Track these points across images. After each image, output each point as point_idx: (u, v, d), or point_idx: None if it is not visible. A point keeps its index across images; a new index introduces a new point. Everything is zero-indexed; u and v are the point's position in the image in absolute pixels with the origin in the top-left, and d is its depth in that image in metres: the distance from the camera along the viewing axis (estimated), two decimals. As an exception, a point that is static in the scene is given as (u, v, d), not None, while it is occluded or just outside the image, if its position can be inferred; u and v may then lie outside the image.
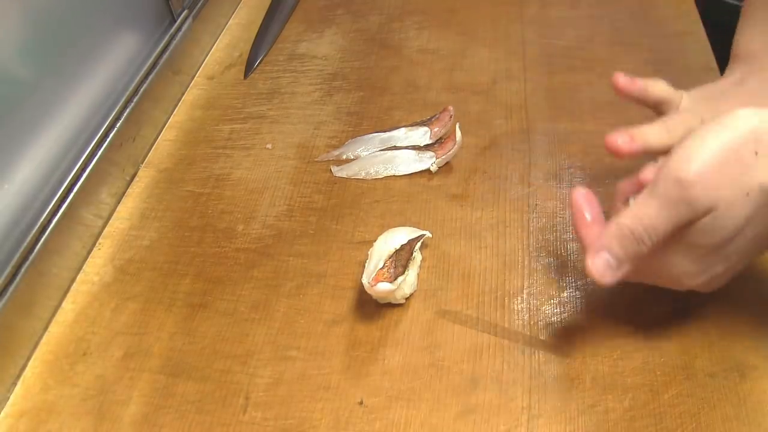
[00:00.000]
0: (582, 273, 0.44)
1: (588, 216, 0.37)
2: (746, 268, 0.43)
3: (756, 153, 0.32)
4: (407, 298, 0.43)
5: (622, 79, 0.43)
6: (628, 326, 0.41)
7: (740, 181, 0.33)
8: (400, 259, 0.42)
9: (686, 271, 0.36)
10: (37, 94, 0.47)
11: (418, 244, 0.44)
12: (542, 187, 0.50)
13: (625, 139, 0.39)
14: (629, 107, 0.48)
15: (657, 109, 0.44)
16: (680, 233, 0.34)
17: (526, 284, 0.44)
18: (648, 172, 0.38)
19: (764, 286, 0.42)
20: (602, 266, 0.35)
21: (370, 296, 0.42)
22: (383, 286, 0.41)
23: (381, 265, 0.42)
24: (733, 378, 0.38)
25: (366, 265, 0.43)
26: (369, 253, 0.44)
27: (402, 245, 0.43)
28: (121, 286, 0.47)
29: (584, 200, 0.38)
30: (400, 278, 0.41)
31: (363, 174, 0.52)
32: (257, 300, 0.45)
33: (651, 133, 0.40)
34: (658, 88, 0.43)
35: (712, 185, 0.33)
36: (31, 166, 0.46)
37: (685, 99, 0.43)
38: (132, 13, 0.57)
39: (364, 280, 0.42)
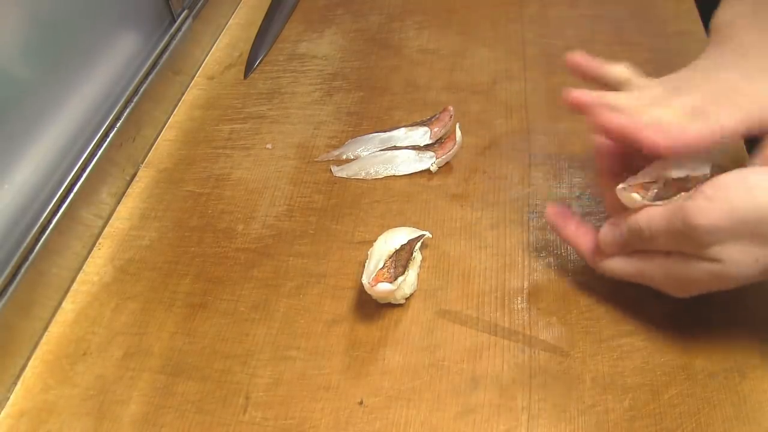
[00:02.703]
0: (582, 273, 0.44)
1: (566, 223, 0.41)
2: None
3: None
4: (407, 298, 0.44)
5: (578, 56, 0.43)
6: (628, 326, 0.41)
7: (752, 247, 0.33)
8: (400, 259, 0.42)
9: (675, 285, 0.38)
10: (37, 94, 0.47)
11: (418, 244, 0.44)
12: (542, 187, 0.50)
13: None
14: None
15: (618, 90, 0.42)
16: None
17: (526, 284, 0.44)
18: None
19: (764, 286, 0.42)
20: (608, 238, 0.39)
21: (370, 296, 0.42)
22: (383, 287, 0.41)
23: (381, 265, 0.42)
24: (733, 378, 0.38)
25: (366, 265, 0.43)
26: (369, 253, 0.44)
27: (402, 245, 0.43)
28: (121, 286, 0.48)
29: (558, 215, 0.41)
30: (400, 278, 0.41)
31: (363, 174, 0.52)
32: (257, 300, 0.45)
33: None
34: (618, 69, 0.42)
35: (723, 241, 0.33)
36: (31, 166, 0.46)
37: (653, 83, 0.42)
38: (132, 13, 0.57)
39: (364, 280, 0.42)
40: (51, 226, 0.46)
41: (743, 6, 0.41)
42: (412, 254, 0.43)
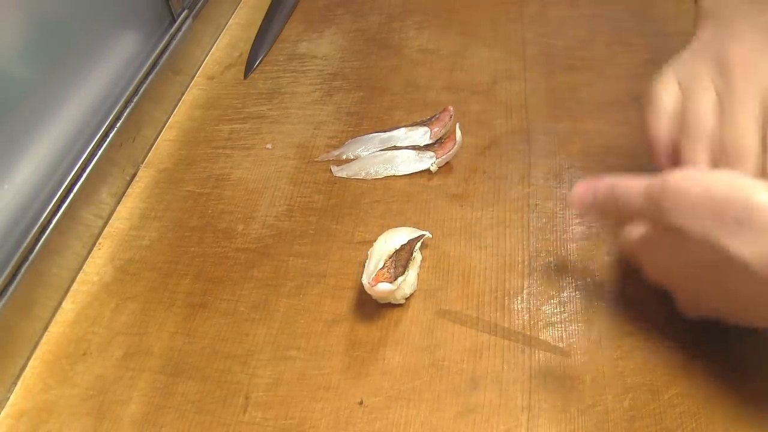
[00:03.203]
0: (582, 273, 0.44)
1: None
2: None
3: (740, 222, 0.31)
4: (407, 298, 0.44)
5: (582, 191, 0.40)
6: (628, 326, 0.41)
7: (712, 233, 0.32)
8: (400, 259, 0.42)
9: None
10: (37, 94, 0.47)
11: (418, 244, 0.44)
12: (542, 187, 0.50)
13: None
14: (628, 107, 0.48)
15: None
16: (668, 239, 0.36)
17: (526, 284, 0.44)
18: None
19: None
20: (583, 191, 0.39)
21: (370, 296, 0.42)
22: (383, 287, 0.41)
23: (381, 265, 0.42)
24: (733, 378, 0.38)
25: (366, 265, 0.43)
26: (369, 253, 0.44)
27: (402, 245, 0.43)
28: (121, 286, 0.48)
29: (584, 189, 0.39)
30: (400, 278, 0.41)
31: (363, 174, 0.52)
32: (257, 300, 0.45)
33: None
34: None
35: (687, 213, 0.33)
36: (31, 166, 0.46)
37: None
38: (132, 13, 0.57)
39: (364, 280, 0.42)
40: (51, 226, 0.46)
41: None
42: (412, 254, 0.43)
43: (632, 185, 0.36)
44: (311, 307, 0.44)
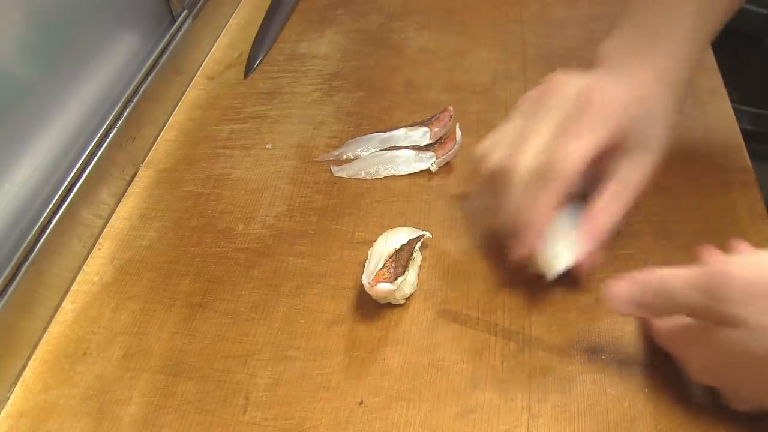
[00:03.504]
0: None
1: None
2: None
3: None
4: (407, 298, 0.43)
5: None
6: (628, 326, 0.41)
7: None
8: (400, 259, 0.42)
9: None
10: (37, 94, 0.47)
11: (418, 244, 0.44)
12: (542, 187, 0.50)
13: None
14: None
15: None
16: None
17: (526, 284, 0.44)
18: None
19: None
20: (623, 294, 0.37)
21: (370, 296, 0.42)
22: (383, 287, 0.41)
23: (381, 266, 0.42)
24: (733, 378, 0.38)
25: (366, 265, 0.43)
26: (369, 253, 0.44)
27: (402, 245, 0.43)
28: (121, 286, 0.47)
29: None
30: (400, 278, 0.41)
31: (363, 174, 0.52)
32: (257, 300, 0.45)
33: None
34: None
35: (742, 300, 0.31)
36: (31, 166, 0.46)
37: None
38: (132, 13, 0.57)
39: (364, 280, 0.42)
40: (51, 226, 0.46)
41: (625, 39, 0.44)
42: (412, 254, 0.43)
43: (678, 277, 0.34)
44: (311, 307, 0.44)
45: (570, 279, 0.43)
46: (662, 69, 0.42)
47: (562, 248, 0.41)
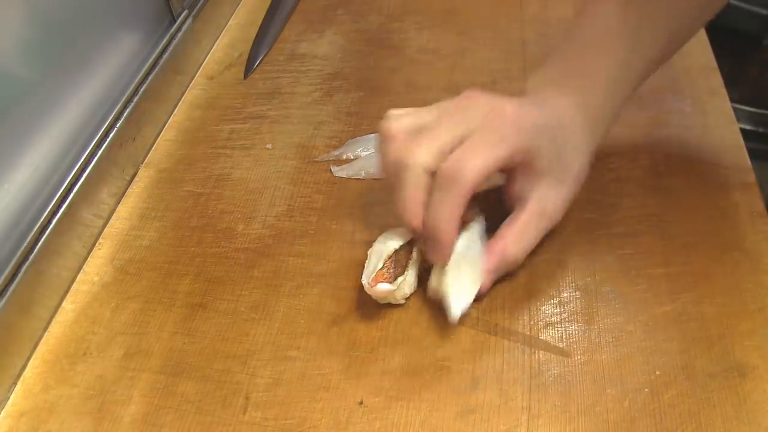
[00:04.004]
0: (582, 272, 0.44)
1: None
2: (745, 265, 0.43)
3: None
4: (407, 298, 0.43)
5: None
6: (628, 326, 0.41)
7: None
8: (400, 259, 0.42)
9: None
10: (37, 94, 0.47)
11: (417, 244, 0.44)
12: (542, 187, 0.50)
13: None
14: (628, 107, 0.48)
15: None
16: None
17: (526, 284, 0.44)
18: None
19: (764, 285, 0.42)
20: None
21: (370, 296, 0.42)
22: (383, 287, 0.41)
23: (380, 266, 0.42)
24: (733, 378, 0.38)
25: (365, 265, 0.43)
26: (369, 253, 0.44)
27: (401, 245, 0.43)
28: (121, 286, 0.48)
29: None
30: (400, 278, 0.41)
31: (363, 174, 0.52)
32: (257, 300, 0.45)
33: None
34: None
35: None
36: (31, 166, 0.46)
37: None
38: (132, 13, 0.57)
39: (364, 281, 0.42)
40: (51, 226, 0.46)
41: (551, 73, 0.45)
42: (411, 254, 0.43)
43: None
44: (311, 307, 0.44)
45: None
46: (583, 104, 0.43)
47: (462, 287, 0.41)
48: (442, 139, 0.39)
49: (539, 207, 0.41)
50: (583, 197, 0.49)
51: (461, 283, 0.41)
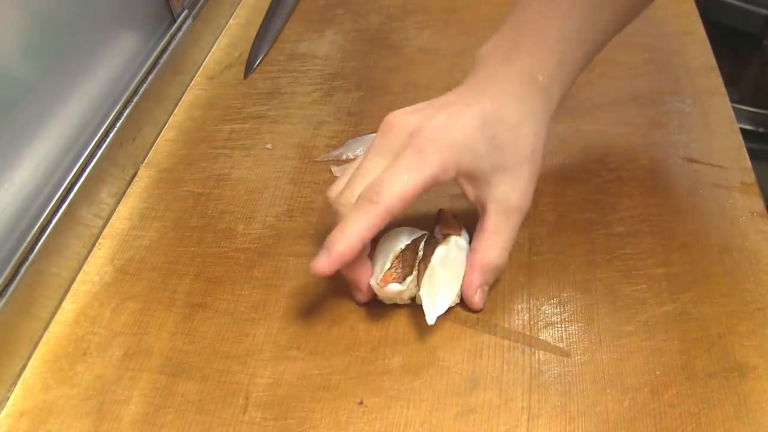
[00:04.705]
0: (582, 272, 0.44)
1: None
2: (745, 265, 0.43)
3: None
4: (413, 298, 0.43)
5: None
6: (628, 326, 0.41)
7: None
8: (407, 258, 0.42)
9: None
10: (37, 94, 0.47)
11: (422, 243, 0.44)
12: (542, 188, 0.50)
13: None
14: (628, 107, 0.48)
15: None
16: None
17: (526, 283, 0.44)
18: None
19: (764, 285, 0.42)
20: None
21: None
22: (393, 287, 0.41)
23: (388, 266, 0.42)
24: (733, 378, 0.38)
25: (372, 266, 0.43)
26: (374, 253, 0.44)
27: (407, 245, 0.43)
28: (121, 286, 0.47)
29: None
30: (409, 278, 0.41)
31: (363, 174, 0.52)
32: (257, 300, 0.45)
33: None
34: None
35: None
36: (31, 166, 0.46)
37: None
38: (132, 13, 0.57)
39: (372, 282, 0.42)
40: (51, 226, 0.46)
41: (501, 42, 0.43)
42: (417, 253, 0.43)
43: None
44: (311, 307, 0.44)
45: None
46: (533, 70, 0.41)
47: (438, 294, 0.41)
48: (369, 173, 0.40)
49: (501, 206, 0.41)
50: (582, 197, 0.49)
51: (437, 289, 0.41)
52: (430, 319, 0.40)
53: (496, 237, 0.41)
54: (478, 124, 0.40)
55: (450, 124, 0.40)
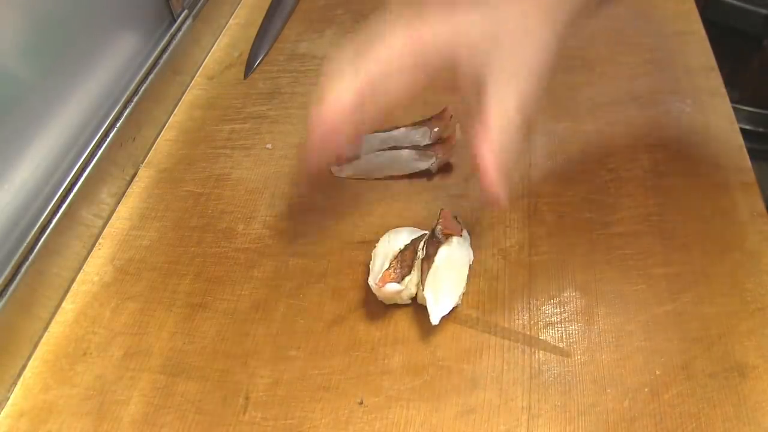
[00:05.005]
0: (582, 272, 0.44)
1: None
2: (745, 265, 0.43)
3: None
4: (413, 298, 0.43)
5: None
6: (628, 326, 0.41)
7: None
8: (405, 259, 0.42)
9: None
10: (37, 94, 0.47)
11: (422, 243, 0.44)
12: (542, 188, 0.50)
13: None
14: (629, 107, 0.48)
15: None
16: None
17: (526, 284, 0.44)
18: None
19: (764, 285, 0.42)
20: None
21: (370, 296, 0.42)
22: (391, 287, 0.41)
23: (387, 266, 0.42)
24: (733, 378, 0.38)
25: (371, 266, 0.43)
26: (373, 254, 0.44)
27: (406, 245, 0.43)
28: (121, 286, 0.48)
29: None
30: (407, 278, 0.41)
31: (363, 174, 0.52)
32: (257, 300, 0.45)
33: None
34: None
35: None
36: (31, 166, 0.46)
37: None
38: (132, 13, 0.57)
39: (371, 282, 0.42)
40: (51, 226, 0.46)
41: None
42: (416, 254, 0.43)
43: None
44: (311, 307, 0.44)
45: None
46: None
47: (442, 293, 0.41)
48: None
49: (502, 107, 0.40)
50: (582, 197, 0.49)
51: (441, 289, 0.41)
52: (434, 319, 0.40)
53: (499, 118, 0.40)
54: (494, 34, 0.39)
55: (463, 28, 0.39)
